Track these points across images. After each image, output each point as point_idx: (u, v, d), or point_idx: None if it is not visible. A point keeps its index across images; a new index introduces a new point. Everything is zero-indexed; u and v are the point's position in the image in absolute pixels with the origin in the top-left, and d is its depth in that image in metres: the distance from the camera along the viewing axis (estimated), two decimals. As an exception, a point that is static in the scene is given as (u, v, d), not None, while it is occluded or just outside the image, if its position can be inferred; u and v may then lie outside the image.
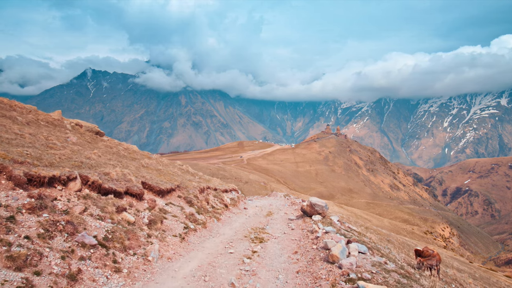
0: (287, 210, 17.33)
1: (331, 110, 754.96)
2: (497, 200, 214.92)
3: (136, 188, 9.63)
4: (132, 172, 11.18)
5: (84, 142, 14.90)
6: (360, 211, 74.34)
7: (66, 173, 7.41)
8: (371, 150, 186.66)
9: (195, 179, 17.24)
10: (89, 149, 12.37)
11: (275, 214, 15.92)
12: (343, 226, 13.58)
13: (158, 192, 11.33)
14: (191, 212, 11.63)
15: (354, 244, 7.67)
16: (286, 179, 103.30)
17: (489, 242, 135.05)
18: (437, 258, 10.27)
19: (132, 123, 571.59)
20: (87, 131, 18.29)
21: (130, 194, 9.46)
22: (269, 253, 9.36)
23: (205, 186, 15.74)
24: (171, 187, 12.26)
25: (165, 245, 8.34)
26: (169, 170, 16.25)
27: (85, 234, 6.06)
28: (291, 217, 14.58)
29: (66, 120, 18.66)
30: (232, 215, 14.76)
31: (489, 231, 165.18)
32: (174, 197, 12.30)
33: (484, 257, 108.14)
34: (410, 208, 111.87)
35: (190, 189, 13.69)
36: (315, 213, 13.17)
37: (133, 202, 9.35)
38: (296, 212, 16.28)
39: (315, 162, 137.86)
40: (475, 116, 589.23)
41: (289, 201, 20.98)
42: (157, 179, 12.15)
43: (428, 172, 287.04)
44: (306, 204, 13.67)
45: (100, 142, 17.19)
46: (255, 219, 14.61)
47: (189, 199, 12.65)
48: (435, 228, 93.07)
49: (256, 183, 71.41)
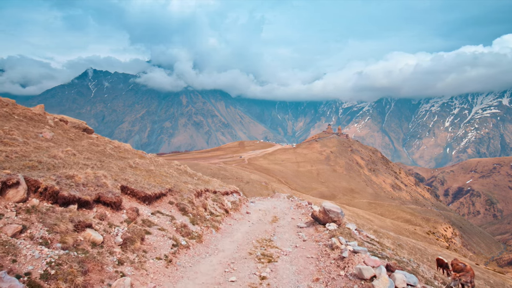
0: (293, 214, 15.77)
1: (332, 110, 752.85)
2: (499, 200, 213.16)
3: (111, 195, 7.57)
4: (112, 174, 9.32)
5: (65, 139, 13.14)
6: (362, 211, 72.71)
7: (2, 176, 5.44)
8: (373, 150, 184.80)
9: (193, 181, 15.55)
10: (64, 147, 10.36)
11: (281, 220, 14.32)
12: (361, 235, 11.85)
13: (143, 198, 9.42)
14: (183, 223, 9.73)
15: (400, 274, 5.56)
16: (288, 179, 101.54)
17: (492, 242, 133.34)
18: (471, 274, 9.34)
19: (133, 123, 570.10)
20: (73, 127, 16.73)
21: (103, 202, 7.43)
22: (282, 281, 7.33)
23: (203, 189, 13.95)
24: (160, 192, 10.39)
25: (143, 275, 6.15)
26: (163, 171, 14.39)
27: (4, 275, 3.73)
28: (300, 224, 12.97)
29: (50, 115, 17.09)
30: (233, 222, 13.02)
31: (491, 231, 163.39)
32: (164, 203, 10.43)
33: (486, 258, 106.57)
34: (412, 208, 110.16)
35: (185, 193, 11.93)
36: (329, 221, 11.49)
37: (107, 214, 7.32)
38: (304, 218, 14.69)
39: (316, 162, 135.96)
40: (477, 116, 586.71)
41: (294, 203, 19.38)
42: (144, 182, 10.31)
43: (430, 172, 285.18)
44: (318, 210, 12.02)
45: (86, 139, 15.34)
46: (260, 226, 12.90)
47: (183, 205, 10.80)
48: (438, 228, 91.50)
49: (257, 183, 69.63)
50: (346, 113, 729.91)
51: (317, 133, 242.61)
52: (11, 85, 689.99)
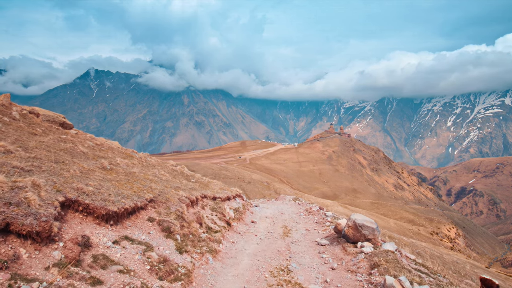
0: (305, 223, 13.87)
1: (334, 109, 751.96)
2: (502, 200, 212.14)
3: (31, 220, 4.64)
4: (60, 181, 6.50)
5: (18, 132, 10.22)
6: (365, 212, 72.53)
7: None
8: (375, 149, 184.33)
9: (189, 184, 13.32)
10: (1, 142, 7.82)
11: (293, 232, 12.03)
12: (404, 258, 8.99)
13: (105, 217, 6.46)
14: (164, 254, 6.66)
15: None
16: (290, 179, 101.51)
17: (495, 242, 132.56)
18: None
19: (135, 123, 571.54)
20: (47, 121, 14.27)
21: (16, 233, 4.56)
22: None
23: (199, 196, 11.43)
24: (135, 205, 7.50)
25: None
26: (150, 174, 11.86)
27: None
28: (319, 239, 10.58)
29: (18, 106, 13.33)
30: (237, 238, 10.68)
31: (495, 231, 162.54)
32: (140, 221, 7.55)
33: (490, 258, 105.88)
34: (415, 208, 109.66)
35: (174, 203, 9.18)
36: (362, 239, 9.11)
37: (22, 254, 4.44)
38: (319, 228, 12.59)
39: (318, 161, 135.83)
40: (479, 115, 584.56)
41: (302, 207, 17.42)
42: (111, 192, 7.38)
43: (432, 172, 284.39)
44: (346, 224, 9.63)
45: (55, 135, 12.37)
46: (270, 243, 10.47)
47: (167, 224, 7.85)
48: (441, 229, 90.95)
49: (259, 183, 69.67)
50: (347, 112, 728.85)
51: (318, 132, 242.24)
52: (13, 85, 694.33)
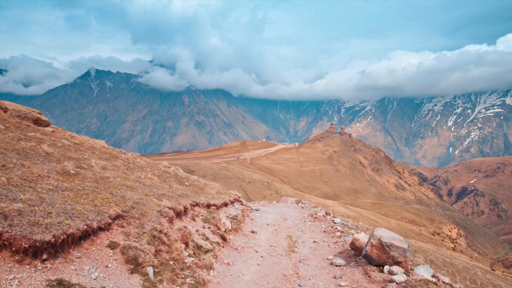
0: (312, 232, 12.23)
1: (335, 109, 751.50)
2: (503, 200, 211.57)
3: None
4: None
5: None
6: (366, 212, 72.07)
7: None
8: (376, 149, 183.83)
9: (179, 190, 11.26)
10: None
11: (300, 245, 10.21)
12: None
13: (29, 250, 4.44)
14: None
15: None
16: (290, 178, 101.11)
17: (497, 242, 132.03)
18: None
19: (136, 123, 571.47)
20: (18, 117, 12.50)
21: None
22: None
23: (188, 204, 9.32)
24: (87, 227, 5.40)
25: None
26: (128, 180, 9.53)
27: None
28: (333, 257, 8.76)
29: None
30: (233, 257, 8.59)
31: (496, 231, 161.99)
32: (96, 248, 5.48)
33: (491, 258, 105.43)
34: (416, 208, 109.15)
35: (151, 217, 6.96)
36: (390, 262, 7.15)
37: None
38: (328, 239, 10.91)
39: (319, 161, 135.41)
40: (480, 115, 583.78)
41: (306, 211, 15.98)
42: (56, 208, 5.33)
43: (433, 172, 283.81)
44: (368, 242, 7.64)
45: (23, 132, 10.46)
46: (274, 264, 8.41)
47: (133, 252, 5.63)
48: (442, 229, 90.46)
49: (260, 183, 69.32)
50: (348, 112, 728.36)
51: (319, 132, 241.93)
52: (13, 85, 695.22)
